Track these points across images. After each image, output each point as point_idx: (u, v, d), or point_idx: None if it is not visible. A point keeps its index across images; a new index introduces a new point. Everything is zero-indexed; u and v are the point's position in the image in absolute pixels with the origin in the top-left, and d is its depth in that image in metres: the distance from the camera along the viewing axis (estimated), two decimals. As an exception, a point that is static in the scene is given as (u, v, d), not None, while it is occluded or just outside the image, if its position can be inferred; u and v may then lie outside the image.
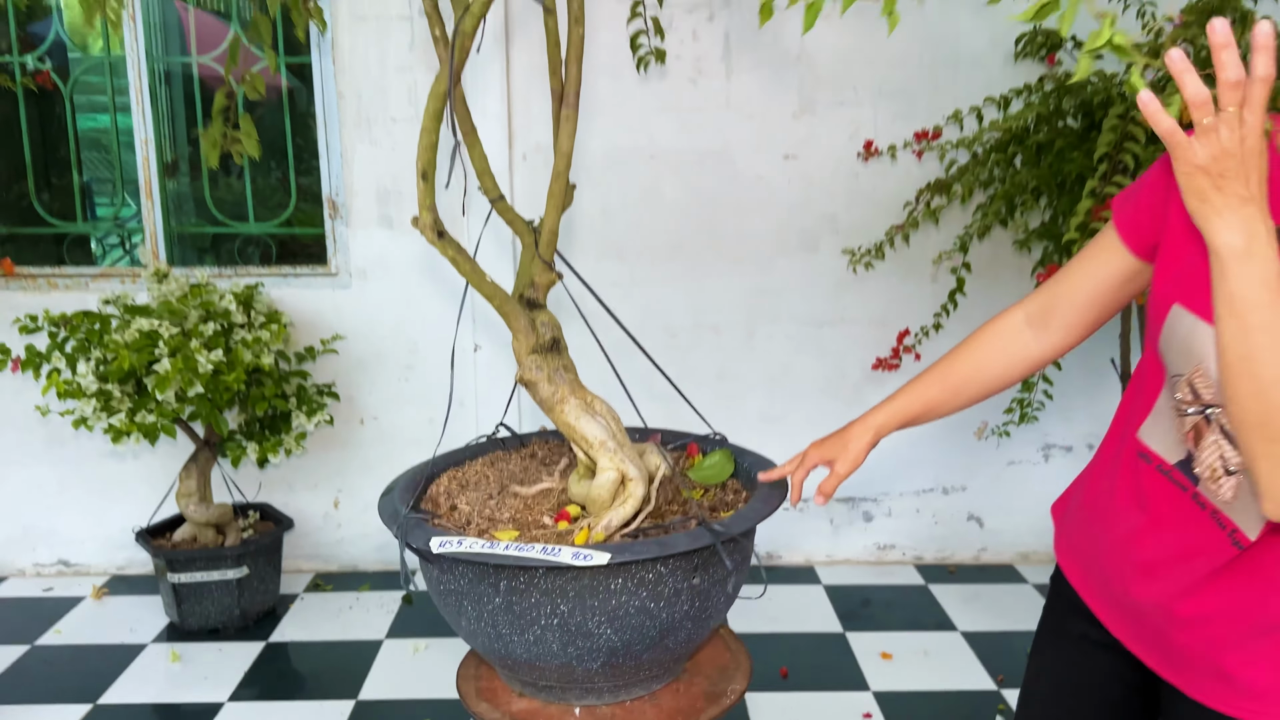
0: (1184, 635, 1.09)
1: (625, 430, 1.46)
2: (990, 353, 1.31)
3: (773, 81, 3.04)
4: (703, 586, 1.26)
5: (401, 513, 1.31)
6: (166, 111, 3.16)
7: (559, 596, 1.19)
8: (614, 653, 1.24)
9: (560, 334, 1.41)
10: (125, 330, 2.60)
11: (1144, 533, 1.11)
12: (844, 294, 3.18)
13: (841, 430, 1.39)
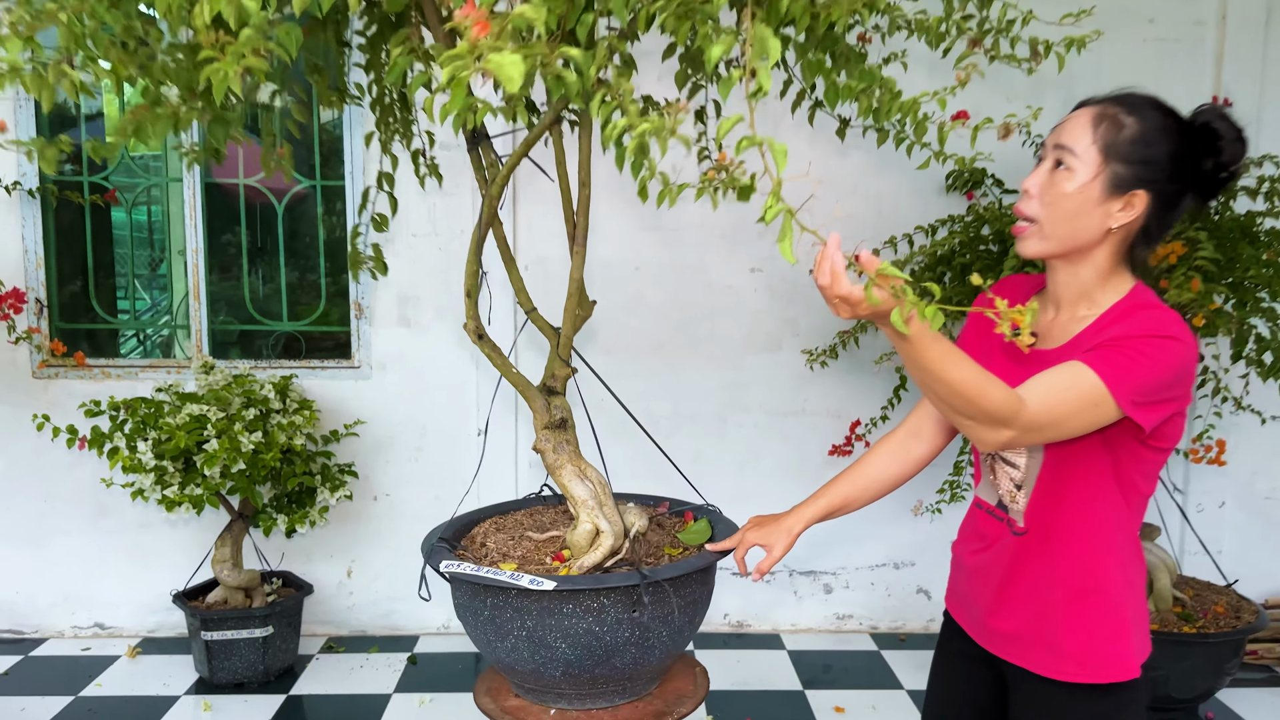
0: (1011, 623, 1.52)
1: (611, 493, 1.87)
2: (885, 462, 1.76)
3: (742, 206, 3.53)
4: (642, 619, 1.59)
5: (433, 540, 1.72)
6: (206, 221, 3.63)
7: (526, 614, 1.57)
8: (569, 664, 1.61)
9: (569, 415, 1.82)
10: (177, 414, 3.01)
11: (984, 561, 1.55)
12: (804, 388, 3.63)
13: (779, 517, 1.75)
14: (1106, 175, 1.39)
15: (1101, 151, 1.39)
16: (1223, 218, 2.92)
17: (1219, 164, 1.41)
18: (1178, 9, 3.49)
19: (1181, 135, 1.40)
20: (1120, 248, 1.45)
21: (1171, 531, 3.54)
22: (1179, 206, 1.44)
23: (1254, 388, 3.33)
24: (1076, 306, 1.48)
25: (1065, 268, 1.47)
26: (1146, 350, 1.33)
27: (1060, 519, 1.47)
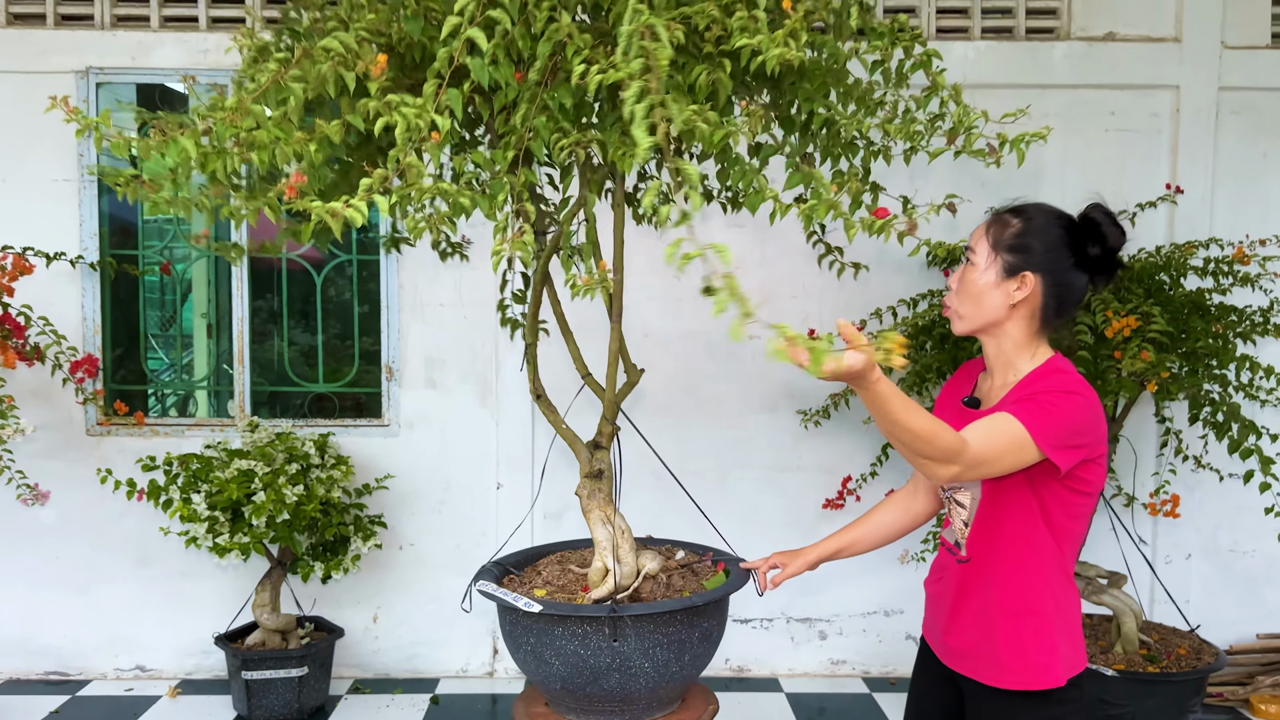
0: (962, 640, 1.83)
1: (631, 537, 2.14)
2: (892, 515, 2.14)
3: (744, 279, 3.85)
4: (623, 649, 1.84)
5: (489, 565, 2.01)
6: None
7: (529, 631, 1.86)
8: (564, 680, 1.87)
9: (607, 468, 2.11)
10: (226, 469, 3.30)
11: (940, 588, 1.86)
12: (799, 446, 3.92)
13: (798, 549, 2.13)
14: (999, 264, 1.77)
15: (992, 246, 1.79)
16: (1175, 294, 3.24)
17: (1104, 249, 1.76)
18: (1136, 103, 3.86)
19: (1064, 228, 1.77)
20: (1030, 323, 1.79)
21: (1141, 582, 3.81)
22: (1075, 286, 1.78)
23: (1213, 447, 3.63)
24: (1005, 374, 1.82)
25: (990, 342, 1.83)
26: (1056, 402, 1.67)
27: (996, 549, 1.79)
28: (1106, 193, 3.77)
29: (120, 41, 3.74)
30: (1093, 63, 3.82)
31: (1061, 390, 1.69)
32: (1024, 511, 1.76)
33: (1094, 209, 1.79)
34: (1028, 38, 3.85)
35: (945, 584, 1.90)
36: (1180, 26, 3.83)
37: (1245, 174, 3.86)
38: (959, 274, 1.84)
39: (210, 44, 3.75)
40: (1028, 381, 1.76)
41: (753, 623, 4.02)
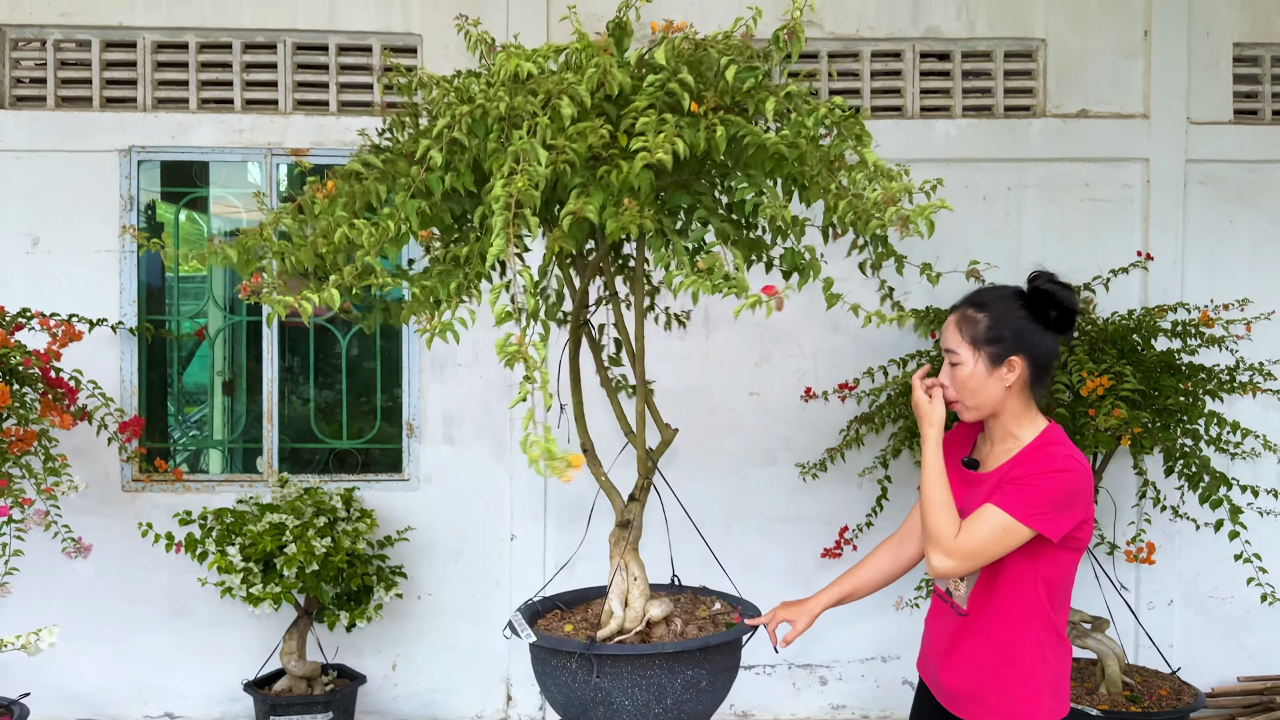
0: (954, 682, 2.05)
1: (646, 584, 2.34)
2: (884, 562, 2.33)
3: (741, 339, 4.10)
4: (602, 684, 2.03)
5: (533, 599, 2.23)
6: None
7: (539, 661, 2.13)
8: (564, 708, 2.08)
9: (635, 518, 2.31)
10: (258, 522, 3.51)
11: (937, 633, 2.07)
12: (798, 497, 4.13)
13: (802, 601, 2.31)
14: (983, 358, 2.00)
15: (971, 345, 2.01)
16: (1147, 355, 3.48)
17: (1061, 310, 2.01)
18: (1109, 174, 4.13)
19: (1023, 305, 2.02)
20: (1023, 395, 2.03)
21: (1125, 627, 3.99)
22: (1049, 350, 2.03)
23: (1189, 497, 3.84)
24: (1005, 441, 2.06)
25: (993, 420, 2.07)
26: (1038, 482, 1.91)
27: (991, 607, 2.01)
28: (1082, 258, 4.06)
29: (161, 122, 4.01)
30: (1067, 138, 4.10)
31: (1048, 471, 1.92)
32: (1021, 576, 1.98)
33: (1041, 279, 2.03)
34: (1006, 115, 4.13)
35: (942, 627, 2.11)
36: (1148, 104, 4.12)
37: (1212, 241, 4.12)
38: (948, 375, 2.04)
39: (245, 124, 4.02)
40: (1023, 457, 1.99)
41: (756, 669, 4.19)
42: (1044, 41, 4.14)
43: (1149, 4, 4.12)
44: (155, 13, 3.99)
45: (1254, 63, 4.20)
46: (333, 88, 4.08)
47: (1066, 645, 2.06)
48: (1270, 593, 3.27)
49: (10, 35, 4.01)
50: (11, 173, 3.97)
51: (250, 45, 4.06)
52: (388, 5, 4.04)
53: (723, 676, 2.20)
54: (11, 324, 3.40)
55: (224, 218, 5.14)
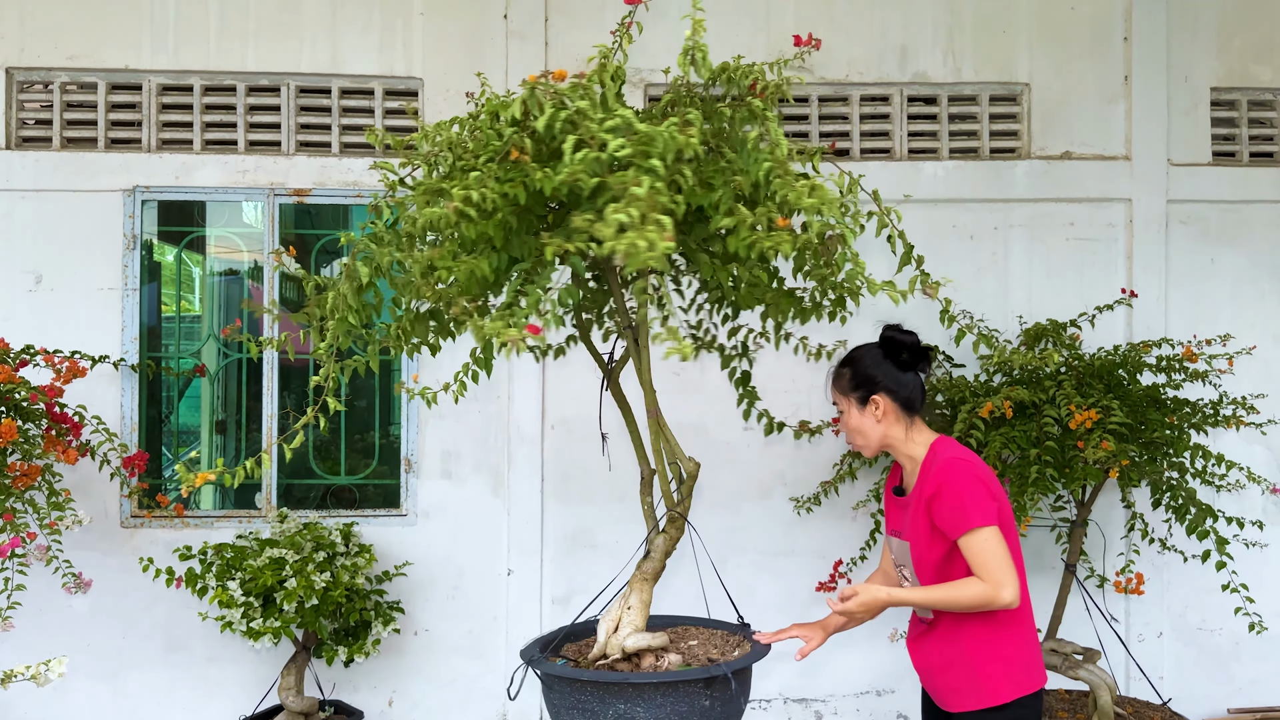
0: (937, 679, 2.35)
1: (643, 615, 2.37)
2: None
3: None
4: (554, 702, 2.14)
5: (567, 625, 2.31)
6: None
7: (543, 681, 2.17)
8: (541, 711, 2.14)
9: (653, 548, 2.36)
10: (258, 557, 3.53)
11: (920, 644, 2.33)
12: (792, 531, 4.18)
13: (816, 622, 2.49)
14: (854, 403, 2.44)
15: (843, 394, 2.47)
16: (1133, 389, 3.56)
17: (909, 350, 2.40)
18: (1093, 214, 4.24)
19: (878, 354, 2.40)
20: (900, 424, 2.40)
21: (1117, 659, 4.04)
22: (910, 383, 2.40)
23: (1176, 530, 3.90)
24: (908, 464, 2.44)
25: (889, 449, 2.46)
26: (958, 491, 2.25)
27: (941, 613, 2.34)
28: (1068, 296, 4.16)
29: (165, 163, 4.08)
30: (1052, 179, 4.21)
31: (951, 480, 2.26)
32: (953, 572, 2.30)
33: (887, 330, 2.44)
34: (992, 157, 4.25)
35: (923, 641, 2.43)
36: (1130, 146, 4.24)
37: (1194, 278, 4.23)
38: (840, 423, 2.51)
39: (248, 164, 4.10)
40: (923, 474, 2.35)
41: (752, 704, 4.21)
42: (1028, 85, 4.27)
43: (1129, 50, 4.26)
44: (161, 56, 4.08)
45: (1231, 106, 4.33)
46: (335, 129, 4.16)
47: (1022, 620, 2.33)
48: (1258, 622, 3.33)
49: (18, 78, 4.08)
50: (17, 211, 4.03)
51: (254, 88, 4.15)
52: (390, 50, 4.14)
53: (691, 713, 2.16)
54: (17, 360, 3.44)
55: (220, 258, 5.20)
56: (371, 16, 4.13)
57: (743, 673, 2.19)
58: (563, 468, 4.13)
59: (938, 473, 2.28)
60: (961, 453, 2.35)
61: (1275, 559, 4.12)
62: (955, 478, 2.26)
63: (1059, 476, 3.31)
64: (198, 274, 5.16)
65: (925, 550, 2.34)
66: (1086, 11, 4.27)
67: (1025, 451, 3.27)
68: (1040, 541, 4.06)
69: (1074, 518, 3.74)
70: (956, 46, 4.25)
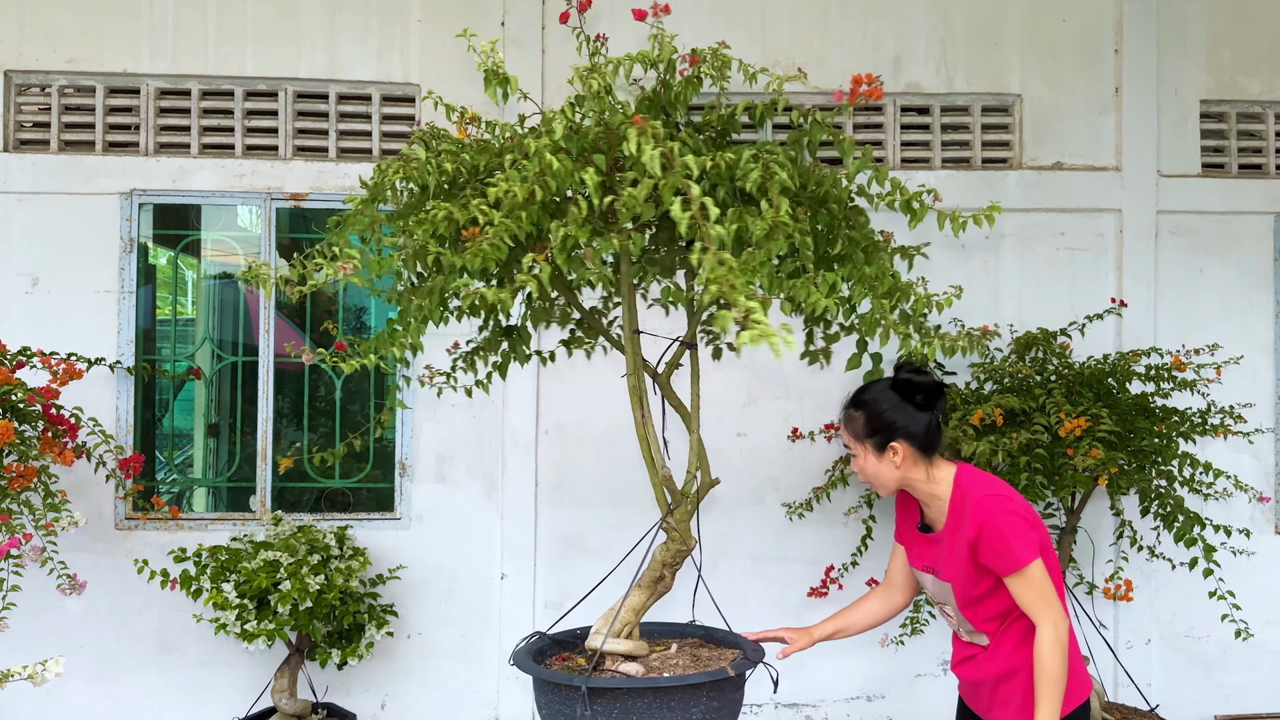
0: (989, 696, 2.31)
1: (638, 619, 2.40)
2: (875, 604, 2.63)
3: (730, 381, 4.19)
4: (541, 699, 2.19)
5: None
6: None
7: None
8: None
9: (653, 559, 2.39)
10: (253, 559, 3.55)
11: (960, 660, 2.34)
12: (784, 537, 4.20)
13: (804, 627, 2.54)
14: (870, 449, 2.33)
15: (856, 439, 2.35)
16: (1122, 398, 3.60)
17: (924, 391, 2.30)
18: (1083, 224, 4.28)
19: (893, 395, 2.29)
20: (918, 465, 2.31)
21: (1105, 666, 4.07)
22: (926, 423, 2.29)
23: (1165, 537, 3.93)
24: (933, 503, 2.35)
25: (907, 488, 2.38)
26: (1003, 530, 2.18)
27: (1001, 631, 2.31)
28: (1058, 305, 4.19)
29: (163, 166, 4.10)
30: (1043, 189, 4.26)
31: (991, 520, 2.20)
32: (1002, 597, 2.27)
33: (902, 370, 2.33)
34: (983, 167, 4.29)
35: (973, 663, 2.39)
36: (1120, 157, 4.29)
37: (1184, 288, 4.27)
38: (854, 464, 2.40)
39: (245, 169, 4.12)
40: (955, 512, 2.29)
41: (744, 708, 4.22)
42: (1020, 97, 4.31)
43: (1119, 62, 4.30)
44: (159, 61, 4.10)
45: (1220, 119, 4.38)
46: (332, 135, 4.19)
47: (1070, 635, 2.27)
48: (1245, 629, 3.37)
49: (16, 81, 4.10)
50: (13, 214, 4.04)
51: (252, 93, 4.17)
52: (388, 56, 4.17)
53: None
54: (13, 362, 3.45)
55: (216, 262, 5.22)
56: (369, 23, 4.16)
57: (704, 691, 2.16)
58: (557, 472, 4.15)
59: (975, 514, 2.22)
60: (991, 487, 2.28)
61: (1262, 567, 4.16)
62: (994, 517, 2.20)
63: (1049, 484, 3.34)
64: (192, 277, 5.18)
65: (970, 588, 2.29)
66: (1078, 24, 4.32)
67: (1015, 459, 3.30)
68: (1030, 548, 4.09)
69: (1063, 525, 3.77)
70: (949, 57, 4.29)
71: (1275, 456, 4.29)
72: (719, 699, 2.19)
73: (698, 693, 2.14)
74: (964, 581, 2.28)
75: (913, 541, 2.45)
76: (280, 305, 4.56)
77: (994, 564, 2.20)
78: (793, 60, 4.23)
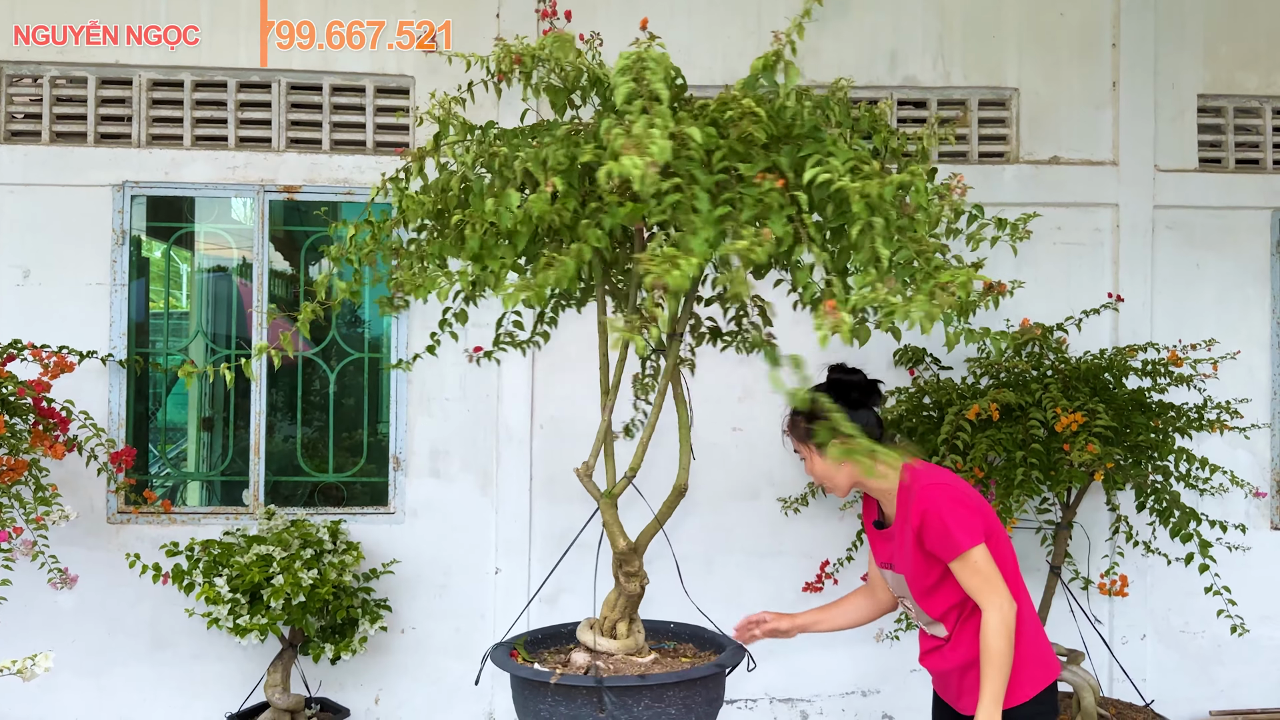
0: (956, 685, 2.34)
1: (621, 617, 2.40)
2: (859, 602, 2.70)
3: (725, 375, 4.16)
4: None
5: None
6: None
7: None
8: None
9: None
10: (245, 554, 3.53)
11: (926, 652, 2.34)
12: (779, 532, 4.19)
13: (786, 614, 2.62)
14: (816, 453, 2.40)
15: (802, 443, 2.44)
16: (1118, 393, 3.59)
17: (857, 388, 2.41)
18: (1080, 219, 4.27)
19: (829, 396, 2.23)
20: None
21: (1100, 661, 4.07)
22: (866, 422, 2.35)
23: (1160, 533, 3.93)
24: (883, 497, 2.44)
25: (861, 487, 2.47)
26: (944, 516, 2.25)
27: (956, 620, 2.36)
28: (1055, 300, 4.18)
29: (155, 158, 4.07)
30: (1039, 184, 4.24)
31: (933, 506, 2.26)
32: (953, 587, 2.32)
33: (832, 373, 2.43)
34: (980, 161, 4.27)
35: (931, 651, 2.46)
36: (1117, 152, 4.27)
37: (1180, 283, 4.26)
38: (805, 468, 2.48)
39: (239, 160, 4.09)
40: (902, 503, 2.35)
41: (738, 703, 4.22)
42: (1017, 91, 4.29)
43: (1117, 56, 4.29)
44: (152, 52, 4.07)
45: (1217, 113, 4.37)
46: (326, 127, 4.16)
47: (1026, 617, 2.33)
48: (1240, 624, 3.36)
49: (7, 72, 4.07)
50: (5, 206, 4.01)
51: (245, 84, 4.14)
52: (381, 48, 4.14)
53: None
54: (4, 354, 3.42)
55: (209, 255, 5.19)
56: (363, 14, 4.13)
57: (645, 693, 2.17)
58: (551, 467, 4.14)
59: (918, 501, 2.29)
60: (935, 476, 2.34)
61: (1258, 562, 4.15)
62: (936, 503, 2.26)
63: (1044, 479, 3.33)
64: (185, 270, 5.15)
65: (921, 578, 2.35)
66: (1075, 18, 4.30)
67: (1011, 454, 3.29)
68: (1025, 544, 4.07)
69: (1059, 520, 3.76)
70: (946, 51, 4.28)
71: (1271, 452, 4.29)
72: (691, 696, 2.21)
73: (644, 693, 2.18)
74: (915, 572, 2.34)
75: (873, 539, 2.54)
76: (274, 299, 4.53)
77: (938, 550, 2.26)
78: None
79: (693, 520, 4.18)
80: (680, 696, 2.18)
